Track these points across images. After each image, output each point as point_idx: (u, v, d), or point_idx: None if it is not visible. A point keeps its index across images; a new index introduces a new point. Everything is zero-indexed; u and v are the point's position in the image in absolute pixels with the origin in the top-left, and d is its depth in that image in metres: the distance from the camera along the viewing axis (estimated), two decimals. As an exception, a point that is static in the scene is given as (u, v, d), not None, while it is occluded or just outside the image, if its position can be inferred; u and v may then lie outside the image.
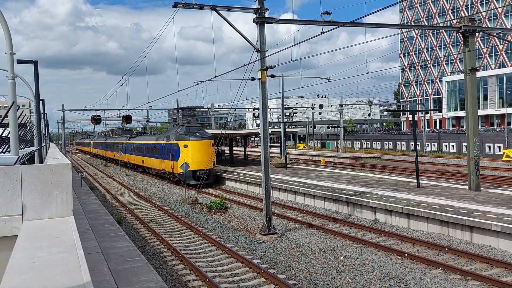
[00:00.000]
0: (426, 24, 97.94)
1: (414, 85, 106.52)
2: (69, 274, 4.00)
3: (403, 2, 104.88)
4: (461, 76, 74.58)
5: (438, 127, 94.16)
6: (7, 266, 4.32)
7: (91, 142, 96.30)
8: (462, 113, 73.40)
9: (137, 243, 16.41)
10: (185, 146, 32.37)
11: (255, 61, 17.56)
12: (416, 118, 31.55)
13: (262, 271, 12.62)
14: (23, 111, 18.08)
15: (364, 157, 52.69)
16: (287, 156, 40.82)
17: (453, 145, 62.19)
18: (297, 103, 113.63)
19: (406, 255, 13.99)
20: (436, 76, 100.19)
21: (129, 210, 24.35)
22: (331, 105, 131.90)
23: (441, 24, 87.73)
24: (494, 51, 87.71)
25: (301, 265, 13.56)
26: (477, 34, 22.99)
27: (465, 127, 22.68)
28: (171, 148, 34.40)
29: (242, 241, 16.75)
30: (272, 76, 19.43)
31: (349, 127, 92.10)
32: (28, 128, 23.19)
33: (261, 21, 17.32)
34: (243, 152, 54.98)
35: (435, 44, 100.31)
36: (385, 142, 77.30)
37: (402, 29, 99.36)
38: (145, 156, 43.38)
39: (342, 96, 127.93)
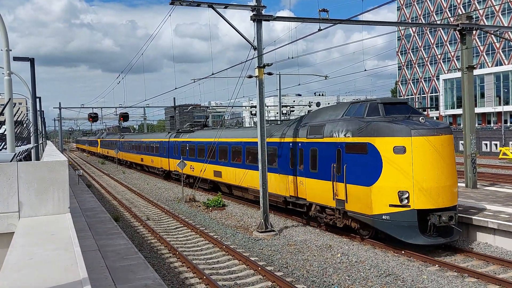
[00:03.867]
0: (424, 22, 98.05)
1: (411, 83, 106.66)
2: (65, 271, 3.99)
3: None
4: (458, 74, 74.71)
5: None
6: (3, 263, 4.31)
7: (98, 140, 78.91)
8: (459, 111, 73.56)
9: (134, 240, 16.39)
10: (399, 150, 13.79)
11: (252, 58, 17.55)
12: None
13: (260, 268, 12.63)
14: (19, 108, 18.04)
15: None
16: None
17: (450, 143, 62.24)
18: (294, 101, 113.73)
19: (402, 252, 14.03)
20: (433, 74, 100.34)
21: (126, 208, 24.32)
22: (328, 103, 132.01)
23: (438, 22, 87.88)
24: (491, 49, 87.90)
25: (298, 262, 13.57)
26: (474, 32, 23.03)
27: (462, 125, 22.74)
28: (333, 153, 15.75)
29: (240, 239, 16.76)
30: (269, 73, 19.42)
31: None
32: (24, 125, 23.15)
33: (258, 19, 17.30)
34: None
35: (432, 42, 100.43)
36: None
37: (400, 27, 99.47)
38: (240, 167, 23.44)
39: (339, 94, 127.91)
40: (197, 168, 28.81)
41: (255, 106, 33.30)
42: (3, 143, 12.37)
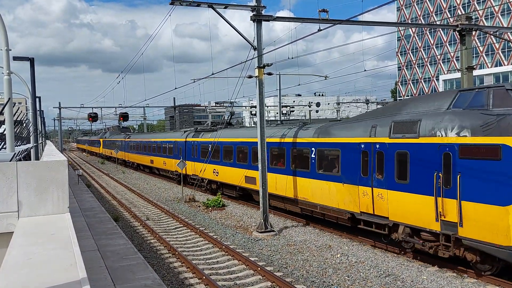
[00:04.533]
0: (423, 22, 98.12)
1: (411, 83, 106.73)
2: (65, 271, 3.98)
3: (400, 0, 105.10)
4: (457, 75, 74.78)
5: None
6: (2, 263, 4.30)
7: (101, 140, 74.35)
8: (458, 112, 73.45)
9: (134, 240, 16.39)
10: None
11: (252, 58, 17.56)
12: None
13: (259, 268, 12.62)
14: (19, 108, 18.05)
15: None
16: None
17: (449, 144, 62.22)
18: (294, 101, 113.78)
19: (402, 252, 14.02)
20: (433, 75, 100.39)
21: (126, 207, 24.31)
22: (328, 103, 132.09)
23: (438, 23, 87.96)
24: (491, 50, 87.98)
25: (298, 263, 13.57)
26: (474, 32, 23.02)
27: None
28: (437, 159, 11.98)
29: (239, 239, 16.75)
30: (269, 74, 19.40)
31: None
32: (24, 125, 23.15)
33: (258, 19, 17.29)
34: None
35: (432, 42, 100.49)
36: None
37: (399, 27, 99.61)
38: (283, 172, 19.49)
39: (339, 94, 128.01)
40: (222, 172, 25.05)
41: (255, 106, 33.14)
42: (3, 142, 12.37)
